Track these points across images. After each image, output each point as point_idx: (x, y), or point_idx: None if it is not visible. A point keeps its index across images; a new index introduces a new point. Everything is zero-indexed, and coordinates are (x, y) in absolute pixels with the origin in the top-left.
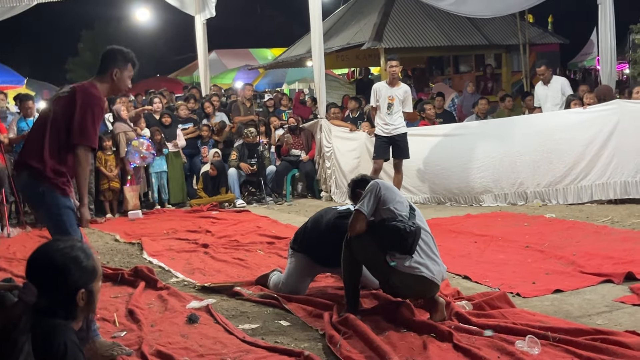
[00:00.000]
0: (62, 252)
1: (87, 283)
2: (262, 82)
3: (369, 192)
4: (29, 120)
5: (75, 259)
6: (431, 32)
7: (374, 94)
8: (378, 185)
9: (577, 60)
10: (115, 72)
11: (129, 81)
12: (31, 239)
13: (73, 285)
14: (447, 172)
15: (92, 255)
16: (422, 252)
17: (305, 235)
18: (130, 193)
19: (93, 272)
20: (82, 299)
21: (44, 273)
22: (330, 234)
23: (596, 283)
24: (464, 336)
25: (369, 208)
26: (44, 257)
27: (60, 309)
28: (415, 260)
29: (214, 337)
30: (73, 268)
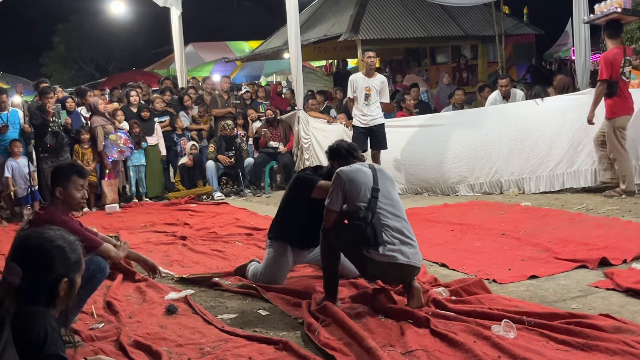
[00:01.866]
0: (50, 239)
1: (70, 273)
2: (239, 74)
3: (335, 187)
4: (3, 114)
5: (62, 249)
6: (408, 23)
7: (351, 85)
8: (342, 180)
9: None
10: (59, 190)
11: (80, 193)
12: (7, 233)
13: (57, 273)
14: (423, 162)
15: (78, 249)
16: (395, 237)
17: (279, 221)
18: (108, 187)
19: (77, 263)
20: (63, 289)
21: (31, 257)
22: (302, 214)
23: (571, 269)
24: (440, 322)
25: (338, 203)
26: (33, 243)
27: (42, 295)
28: (389, 248)
29: (192, 327)
30: (59, 256)
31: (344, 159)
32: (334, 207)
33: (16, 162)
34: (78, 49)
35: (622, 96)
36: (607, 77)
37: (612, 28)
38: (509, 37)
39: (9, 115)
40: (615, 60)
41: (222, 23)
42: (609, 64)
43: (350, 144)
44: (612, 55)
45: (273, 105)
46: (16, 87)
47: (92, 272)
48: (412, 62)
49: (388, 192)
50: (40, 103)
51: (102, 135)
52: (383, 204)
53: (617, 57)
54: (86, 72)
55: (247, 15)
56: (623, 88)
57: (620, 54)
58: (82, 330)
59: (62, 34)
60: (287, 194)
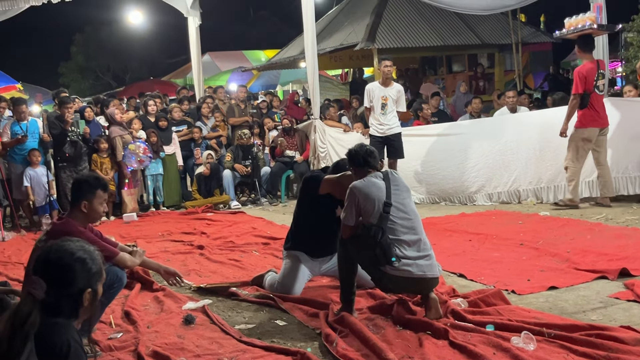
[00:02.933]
0: (71, 251)
1: (93, 283)
2: (255, 83)
3: (349, 202)
4: (22, 124)
5: (84, 260)
6: (424, 32)
7: (367, 94)
8: (356, 195)
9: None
10: (84, 204)
11: (102, 207)
12: (26, 242)
13: (80, 285)
14: (441, 171)
15: (99, 258)
16: (409, 251)
17: (294, 232)
18: (129, 197)
19: (99, 273)
20: (87, 299)
21: (53, 271)
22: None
23: (591, 279)
24: (459, 333)
25: (353, 217)
26: (54, 256)
27: (66, 307)
28: (403, 263)
29: (210, 338)
30: (81, 268)
31: (360, 167)
32: (349, 222)
33: (34, 172)
34: (96, 59)
35: (593, 109)
36: (581, 91)
37: (585, 43)
38: (526, 46)
39: (28, 124)
40: (589, 75)
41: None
42: (583, 79)
43: (369, 151)
44: (586, 70)
45: (289, 114)
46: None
47: (110, 282)
48: (428, 70)
49: (403, 204)
50: (59, 113)
51: (121, 145)
52: (396, 218)
53: (590, 72)
54: (103, 82)
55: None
56: (595, 101)
57: (594, 68)
58: (101, 340)
59: (79, 44)
60: (298, 199)
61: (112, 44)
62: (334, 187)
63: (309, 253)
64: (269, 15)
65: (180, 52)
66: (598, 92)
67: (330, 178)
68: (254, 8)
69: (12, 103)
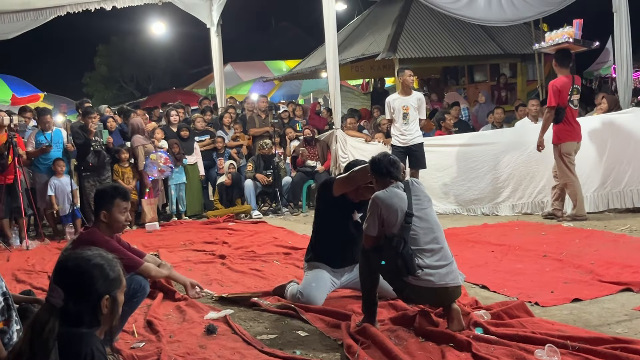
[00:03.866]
0: (88, 258)
1: (111, 290)
2: (277, 93)
3: (372, 213)
4: (47, 133)
5: (101, 267)
6: (446, 42)
7: (388, 107)
8: (379, 206)
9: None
10: (103, 214)
11: (123, 216)
12: (49, 251)
13: (98, 291)
14: (466, 182)
15: (118, 267)
16: (432, 258)
17: (314, 243)
18: (148, 206)
19: (117, 280)
20: (106, 306)
21: (71, 278)
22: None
23: (615, 292)
24: (482, 345)
25: (376, 228)
26: (71, 264)
27: (85, 315)
28: (426, 272)
29: (232, 348)
30: (98, 275)
31: (382, 177)
32: (372, 233)
33: (59, 181)
34: (119, 69)
35: (568, 123)
36: (555, 104)
37: (562, 57)
38: (549, 55)
39: (52, 134)
40: (563, 89)
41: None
42: (557, 92)
43: (392, 161)
44: (561, 84)
45: (311, 124)
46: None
47: (133, 291)
48: (450, 80)
49: (425, 214)
50: (82, 123)
51: (142, 155)
52: (418, 228)
53: (565, 86)
54: (127, 92)
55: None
56: (569, 115)
57: (569, 82)
58: (124, 349)
59: (103, 54)
60: (316, 208)
61: (136, 55)
62: (347, 185)
63: (329, 263)
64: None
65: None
66: (572, 107)
67: (342, 176)
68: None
69: (37, 113)
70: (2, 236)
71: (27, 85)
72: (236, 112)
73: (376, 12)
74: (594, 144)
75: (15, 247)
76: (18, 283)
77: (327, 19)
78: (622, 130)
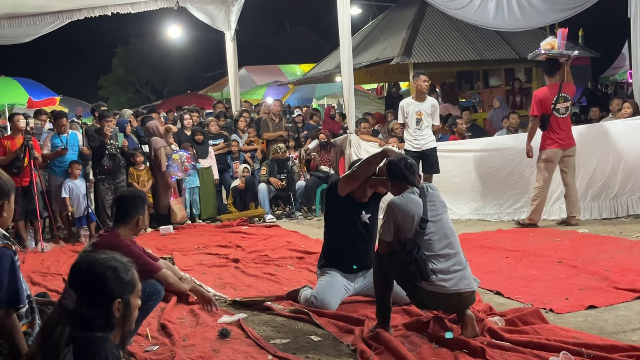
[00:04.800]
0: (102, 261)
1: (123, 294)
2: (291, 97)
3: (388, 218)
4: (63, 136)
5: (114, 269)
6: (460, 46)
7: (402, 111)
8: (394, 212)
9: (609, 74)
10: (140, 219)
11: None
12: (64, 253)
13: (110, 294)
14: (482, 188)
15: (133, 270)
16: (446, 264)
17: (326, 250)
18: (177, 205)
19: (130, 284)
20: (118, 310)
21: (83, 280)
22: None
23: (631, 299)
24: (496, 352)
25: (391, 233)
26: (85, 266)
27: (98, 318)
28: (440, 278)
29: (245, 352)
30: (111, 277)
31: (398, 181)
32: (387, 238)
33: (74, 184)
34: (136, 72)
35: (553, 131)
36: (537, 113)
37: (549, 66)
38: None
39: (68, 137)
40: (545, 98)
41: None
42: (539, 102)
43: (408, 166)
44: (542, 94)
45: (326, 129)
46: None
47: (149, 295)
48: (464, 85)
49: (439, 219)
50: (97, 126)
51: (164, 156)
52: (432, 234)
53: (547, 95)
54: (142, 95)
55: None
56: (554, 123)
57: (553, 91)
58: (137, 352)
59: (121, 56)
60: (325, 212)
61: (153, 58)
62: (351, 182)
63: (342, 269)
64: (305, 29)
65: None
66: (558, 115)
67: (345, 174)
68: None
69: (53, 116)
70: (17, 238)
71: (43, 88)
72: (250, 116)
73: (391, 16)
74: (612, 149)
75: (30, 250)
76: (33, 285)
77: (341, 23)
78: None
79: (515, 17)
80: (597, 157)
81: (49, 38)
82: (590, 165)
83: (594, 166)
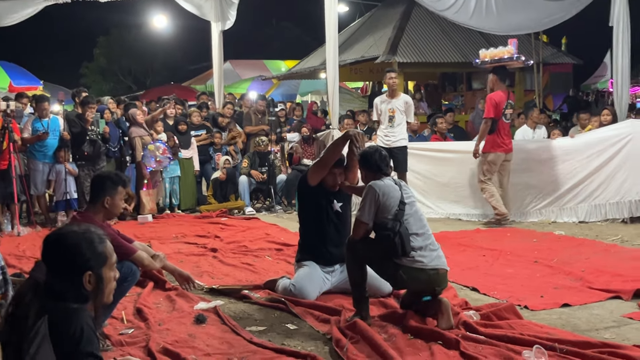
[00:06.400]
0: (75, 232)
1: (94, 266)
2: (275, 92)
3: (369, 199)
4: (44, 121)
5: (86, 240)
6: (445, 47)
7: (375, 108)
8: (377, 192)
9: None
10: (107, 200)
11: (122, 203)
12: (41, 238)
13: (81, 265)
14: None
15: (106, 242)
16: (424, 242)
17: (301, 244)
18: (147, 197)
19: (102, 256)
20: (89, 282)
21: (55, 251)
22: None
23: (604, 299)
24: (470, 345)
25: (370, 215)
26: (57, 237)
27: (69, 291)
28: (419, 254)
29: (221, 338)
30: (83, 247)
31: (372, 172)
32: (365, 219)
33: (61, 167)
34: (118, 62)
35: (499, 135)
36: (492, 116)
37: (502, 73)
38: (547, 66)
39: (49, 122)
40: (500, 102)
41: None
42: (495, 105)
43: (382, 157)
44: (498, 98)
45: (309, 124)
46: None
47: (124, 276)
48: (448, 87)
49: (414, 203)
50: (79, 111)
51: (140, 146)
52: (409, 216)
53: (501, 100)
54: (124, 85)
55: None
56: (501, 128)
57: (505, 97)
58: (112, 335)
59: (103, 46)
60: (298, 202)
61: (136, 48)
62: (320, 168)
63: (318, 262)
64: (291, 25)
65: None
66: (505, 120)
67: (314, 164)
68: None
69: (35, 100)
70: None
71: (26, 73)
72: (234, 109)
73: (377, 15)
74: (592, 155)
75: (6, 233)
76: (8, 267)
77: (328, 20)
78: (620, 142)
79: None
80: (574, 163)
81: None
82: (568, 170)
83: (571, 171)
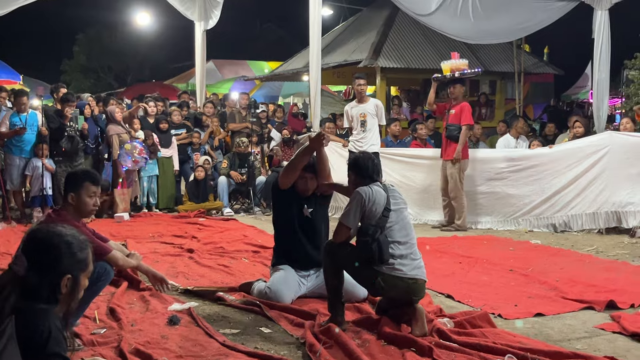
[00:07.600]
0: (60, 234)
1: (74, 271)
2: (257, 93)
3: (354, 204)
4: (22, 115)
5: (70, 245)
6: (428, 54)
7: (346, 115)
8: (363, 198)
9: (571, 92)
10: (71, 196)
11: (92, 200)
12: (15, 234)
13: (61, 268)
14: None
15: (88, 250)
16: (405, 250)
17: (276, 248)
18: (121, 196)
19: (83, 262)
20: (66, 285)
21: (38, 249)
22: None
23: (577, 309)
24: (443, 352)
25: (356, 220)
26: (42, 235)
27: (44, 290)
28: (399, 262)
29: (194, 340)
30: (66, 252)
31: (362, 178)
32: (349, 224)
33: (39, 162)
34: (98, 59)
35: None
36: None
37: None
38: (528, 76)
39: (27, 117)
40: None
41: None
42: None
43: (374, 165)
44: (470, 107)
45: (290, 126)
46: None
47: (97, 275)
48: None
49: (400, 210)
50: (58, 107)
51: (117, 144)
52: (393, 222)
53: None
54: (105, 82)
55: (268, 37)
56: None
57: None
58: (84, 334)
59: (82, 43)
60: (272, 206)
61: (117, 45)
62: (290, 172)
63: (293, 266)
64: (275, 27)
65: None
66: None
67: (284, 167)
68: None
69: (13, 95)
70: None
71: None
72: (216, 108)
73: (361, 19)
74: (570, 166)
75: None
76: None
77: (312, 23)
78: (597, 152)
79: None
80: (552, 173)
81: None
82: (546, 180)
83: (549, 181)
